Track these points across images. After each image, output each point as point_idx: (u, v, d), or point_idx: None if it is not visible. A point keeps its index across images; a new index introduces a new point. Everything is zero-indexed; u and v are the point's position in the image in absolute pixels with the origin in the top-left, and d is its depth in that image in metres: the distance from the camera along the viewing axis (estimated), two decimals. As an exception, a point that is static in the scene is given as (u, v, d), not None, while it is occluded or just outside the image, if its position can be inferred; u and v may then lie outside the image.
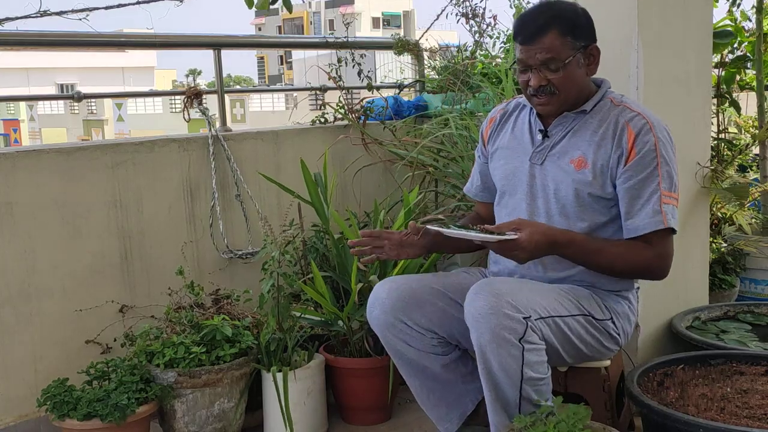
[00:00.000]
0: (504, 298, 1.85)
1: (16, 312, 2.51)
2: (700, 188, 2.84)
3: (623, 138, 2.01)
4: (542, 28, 1.99)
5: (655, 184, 1.98)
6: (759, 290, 3.49)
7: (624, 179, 2.00)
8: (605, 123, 2.05)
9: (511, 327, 1.83)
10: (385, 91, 3.73)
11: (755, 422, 2.01)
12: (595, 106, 2.08)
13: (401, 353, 2.15)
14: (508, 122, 2.24)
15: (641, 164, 1.99)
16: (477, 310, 1.87)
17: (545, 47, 1.98)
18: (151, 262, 2.78)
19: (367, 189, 3.37)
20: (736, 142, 3.88)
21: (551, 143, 2.10)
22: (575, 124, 2.09)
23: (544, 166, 2.10)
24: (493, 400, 1.93)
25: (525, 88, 2.06)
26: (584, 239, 2.00)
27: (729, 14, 3.90)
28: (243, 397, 2.54)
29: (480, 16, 3.62)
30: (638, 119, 2.02)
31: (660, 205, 1.98)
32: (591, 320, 2.03)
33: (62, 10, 3.03)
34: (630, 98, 2.14)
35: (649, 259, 2.01)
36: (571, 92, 2.04)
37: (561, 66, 1.99)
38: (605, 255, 2.00)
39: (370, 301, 2.14)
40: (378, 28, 43.87)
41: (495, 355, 1.85)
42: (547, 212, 2.09)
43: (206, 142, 2.91)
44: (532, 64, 2.00)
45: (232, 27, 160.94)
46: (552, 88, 2.01)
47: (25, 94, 23.40)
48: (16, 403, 2.53)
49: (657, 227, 1.98)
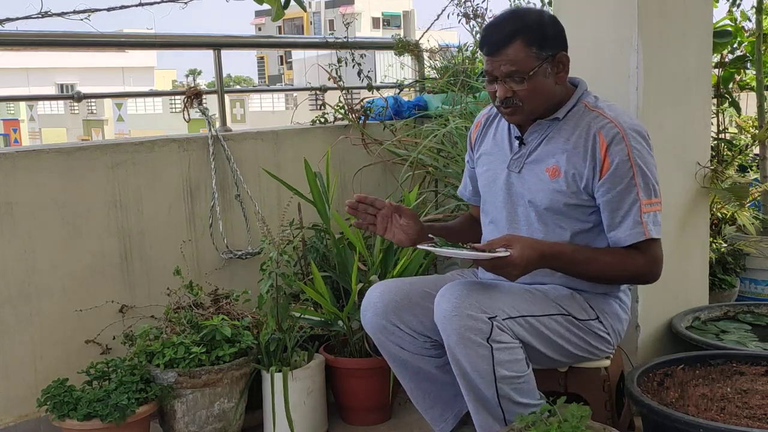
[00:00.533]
0: (468, 300, 1.86)
1: (16, 312, 2.51)
2: (700, 188, 2.84)
3: (596, 148, 1.98)
4: (506, 39, 1.95)
5: (633, 195, 1.97)
6: (759, 290, 3.49)
7: (602, 192, 1.99)
8: (578, 130, 2.02)
9: (475, 327, 1.84)
10: (385, 91, 3.73)
11: (755, 422, 2.01)
12: (568, 112, 2.05)
13: (395, 355, 2.15)
14: (491, 127, 2.23)
15: (617, 176, 1.97)
16: (442, 313, 1.88)
17: (509, 59, 1.95)
18: (150, 262, 2.78)
19: (367, 189, 3.37)
20: (736, 142, 3.88)
21: (528, 151, 2.09)
22: (549, 131, 2.07)
23: (521, 174, 2.09)
24: (472, 400, 1.94)
25: (493, 98, 2.04)
26: (573, 250, 1.99)
27: (729, 14, 3.90)
28: (243, 397, 2.54)
29: (481, 16, 3.61)
30: (610, 127, 1.98)
31: (640, 215, 1.97)
32: (572, 320, 2.02)
33: (63, 11, 3.02)
34: (605, 100, 2.09)
35: (641, 266, 2.00)
36: (538, 103, 2.01)
37: (526, 77, 1.96)
38: (595, 265, 1.99)
39: (364, 303, 2.15)
40: (378, 28, 43.86)
41: (464, 356, 1.86)
42: (527, 220, 2.09)
43: (206, 142, 2.91)
44: (497, 76, 1.98)
45: (232, 27, 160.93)
46: (516, 100, 1.99)
47: (25, 94, 23.41)
48: (16, 403, 2.53)
49: (638, 239, 1.97)
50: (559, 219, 2.05)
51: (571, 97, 2.07)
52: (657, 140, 2.22)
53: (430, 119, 3.48)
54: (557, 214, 2.04)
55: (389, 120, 3.49)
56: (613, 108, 2.06)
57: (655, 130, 2.55)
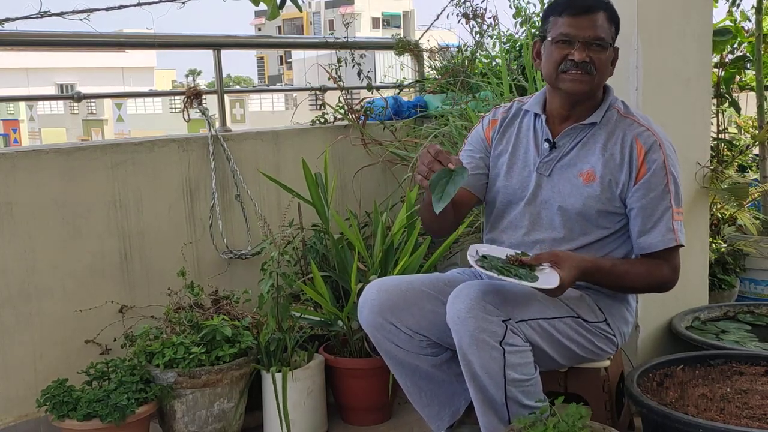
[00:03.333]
0: (483, 301, 1.86)
1: (16, 312, 2.51)
2: (700, 188, 2.84)
3: (633, 154, 2.01)
4: (596, 5, 2.00)
5: (666, 202, 2.00)
6: (759, 290, 3.49)
7: (637, 197, 2.01)
8: (614, 137, 2.05)
9: (490, 330, 1.84)
10: (385, 92, 3.73)
11: (755, 422, 2.01)
12: (603, 117, 2.07)
13: (391, 353, 2.14)
14: (511, 128, 2.20)
15: (652, 182, 2.00)
16: (456, 313, 1.87)
17: (597, 24, 1.98)
18: (150, 262, 2.78)
19: (367, 189, 3.37)
20: (736, 142, 3.88)
21: (560, 154, 2.08)
22: (583, 136, 2.07)
23: (551, 177, 2.08)
24: (479, 401, 1.94)
25: (559, 63, 2.00)
26: (611, 266, 2.00)
27: (729, 14, 3.90)
28: (243, 397, 2.54)
29: (480, 16, 3.61)
30: (647, 135, 2.03)
31: (672, 222, 2.00)
32: (581, 322, 2.02)
33: (63, 11, 3.02)
34: (633, 107, 2.14)
35: (667, 276, 2.04)
36: (602, 79, 2.04)
37: (606, 47, 1.99)
38: (628, 277, 2.02)
39: (360, 301, 2.14)
40: (378, 29, 43.84)
41: (476, 357, 1.86)
42: (551, 224, 2.08)
43: (206, 143, 2.91)
44: (578, 38, 1.97)
45: (232, 27, 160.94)
46: (591, 67, 1.99)
47: (25, 94, 23.38)
48: (16, 403, 2.53)
49: (669, 245, 2.00)
50: (586, 225, 2.06)
51: (603, 100, 2.09)
52: (657, 140, 2.22)
53: (430, 119, 3.48)
54: (587, 220, 2.05)
55: (389, 120, 3.49)
56: (644, 117, 2.11)
57: (655, 130, 2.55)
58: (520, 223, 2.12)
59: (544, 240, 2.09)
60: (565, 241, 2.07)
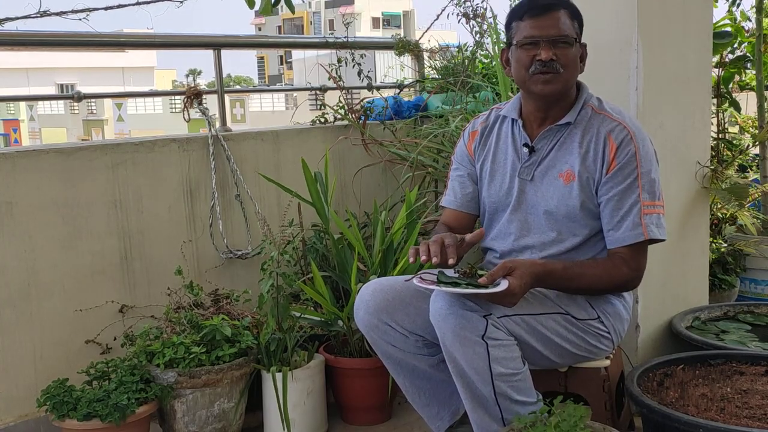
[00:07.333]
0: (463, 298, 1.86)
1: (16, 312, 2.51)
2: (700, 188, 2.84)
3: (606, 150, 2.02)
4: (554, 4, 2.01)
5: (635, 196, 2.00)
6: (759, 290, 3.49)
7: (604, 191, 2.02)
8: (588, 134, 2.06)
9: (470, 326, 1.84)
10: (385, 92, 3.73)
11: (755, 422, 2.01)
12: (577, 116, 2.08)
13: (388, 354, 2.15)
14: (490, 136, 2.22)
15: (620, 175, 2.00)
16: (437, 311, 1.88)
17: (559, 22, 2.00)
18: (151, 262, 2.78)
19: (367, 189, 3.37)
20: (736, 142, 3.88)
21: (539, 157, 2.10)
22: (560, 137, 2.09)
23: (533, 181, 2.10)
24: (469, 399, 1.94)
25: (528, 66, 2.03)
26: (563, 268, 1.99)
27: (729, 14, 3.90)
28: (243, 397, 2.54)
29: (480, 16, 3.61)
30: (619, 130, 2.03)
31: (641, 216, 1.99)
32: (570, 319, 2.02)
33: (62, 11, 3.03)
34: (607, 102, 2.13)
35: (626, 275, 2.03)
36: (571, 76, 2.05)
37: (571, 43, 2.01)
38: (584, 279, 2.01)
39: (356, 302, 2.15)
40: (378, 28, 43.86)
41: (460, 353, 1.86)
42: (539, 228, 2.10)
43: (206, 142, 2.91)
44: (543, 37, 1.99)
45: (232, 27, 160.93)
46: (558, 65, 2.00)
47: (25, 94, 23.38)
48: (16, 403, 2.53)
49: (637, 239, 2.00)
50: (573, 226, 2.07)
51: (578, 99, 2.10)
52: (657, 140, 2.23)
53: (430, 119, 3.48)
54: (573, 221, 2.06)
55: (389, 120, 3.49)
56: (618, 111, 2.10)
57: (655, 130, 2.55)
58: (510, 230, 2.14)
59: (534, 245, 2.11)
60: (556, 243, 2.08)
